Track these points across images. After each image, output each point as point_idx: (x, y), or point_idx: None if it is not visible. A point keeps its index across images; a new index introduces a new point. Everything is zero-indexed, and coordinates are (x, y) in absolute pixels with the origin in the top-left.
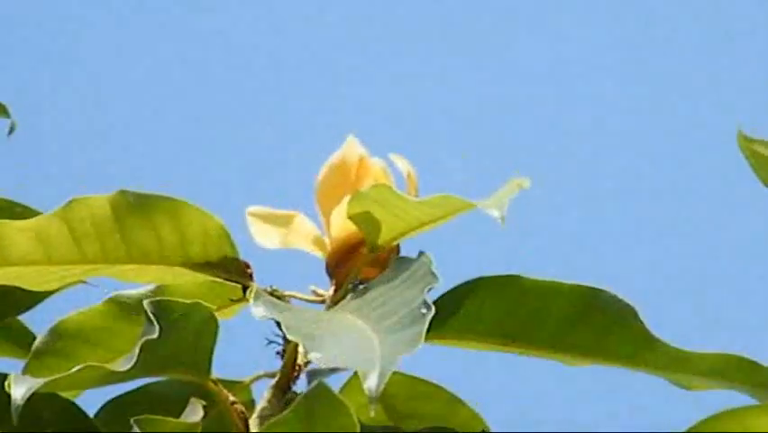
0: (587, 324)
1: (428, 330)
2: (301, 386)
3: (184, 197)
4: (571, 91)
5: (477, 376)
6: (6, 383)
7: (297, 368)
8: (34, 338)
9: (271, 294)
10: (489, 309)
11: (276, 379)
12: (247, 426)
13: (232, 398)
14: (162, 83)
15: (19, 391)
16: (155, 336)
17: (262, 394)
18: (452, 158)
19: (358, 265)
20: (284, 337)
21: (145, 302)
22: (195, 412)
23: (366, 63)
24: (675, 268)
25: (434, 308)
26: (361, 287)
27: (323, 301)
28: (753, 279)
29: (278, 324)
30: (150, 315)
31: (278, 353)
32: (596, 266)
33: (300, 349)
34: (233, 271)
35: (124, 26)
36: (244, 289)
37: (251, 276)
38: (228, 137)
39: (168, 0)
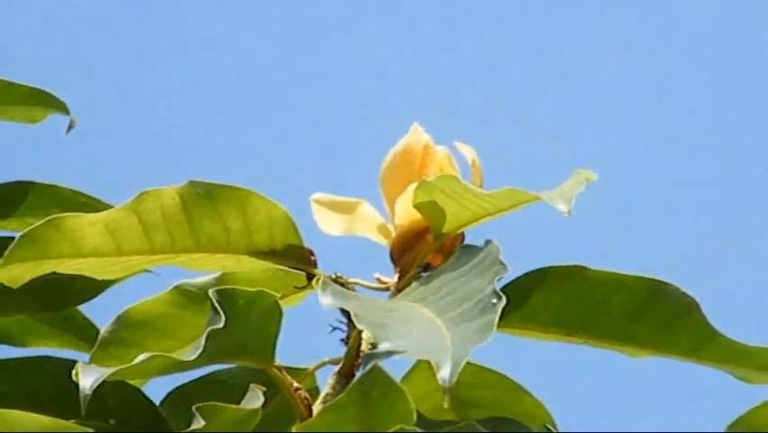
0: (650, 316)
1: None
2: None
3: (250, 186)
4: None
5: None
6: (74, 372)
7: (360, 355)
8: (97, 331)
9: (336, 281)
10: (553, 300)
11: (339, 366)
12: (311, 412)
13: (296, 384)
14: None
15: (87, 380)
16: (221, 325)
17: (326, 381)
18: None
19: (422, 253)
20: (348, 324)
21: (210, 291)
22: (255, 398)
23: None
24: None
25: (504, 298)
26: (425, 274)
27: (387, 289)
28: None
29: (344, 311)
30: (216, 304)
31: (342, 340)
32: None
33: (364, 336)
34: (298, 258)
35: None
36: (309, 276)
37: (315, 264)
38: (294, 125)
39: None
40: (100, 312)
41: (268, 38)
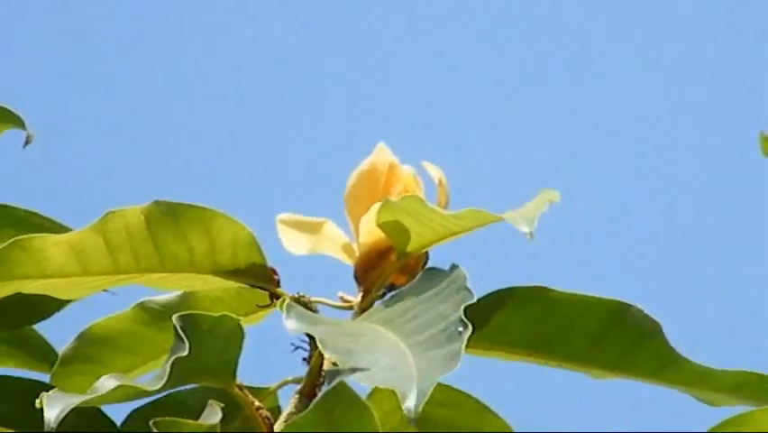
0: (613, 338)
1: None
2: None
3: (215, 206)
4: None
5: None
6: (38, 401)
7: (322, 374)
8: (54, 352)
9: (299, 300)
10: (517, 321)
11: (301, 385)
12: (273, 432)
13: (257, 403)
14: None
15: (53, 412)
16: (185, 353)
17: (289, 401)
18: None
19: (387, 272)
20: (310, 344)
21: (174, 318)
22: (213, 414)
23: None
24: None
25: (470, 326)
26: (390, 295)
27: (350, 307)
28: None
29: (309, 334)
30: (180, 330)
31: (304, 359)
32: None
33: (326, 355)
34: (261, 277)
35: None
36: (272, 295)
37: (278, 282)
38: (258, 145)
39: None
40: (59, 330)
41: (230, 58)
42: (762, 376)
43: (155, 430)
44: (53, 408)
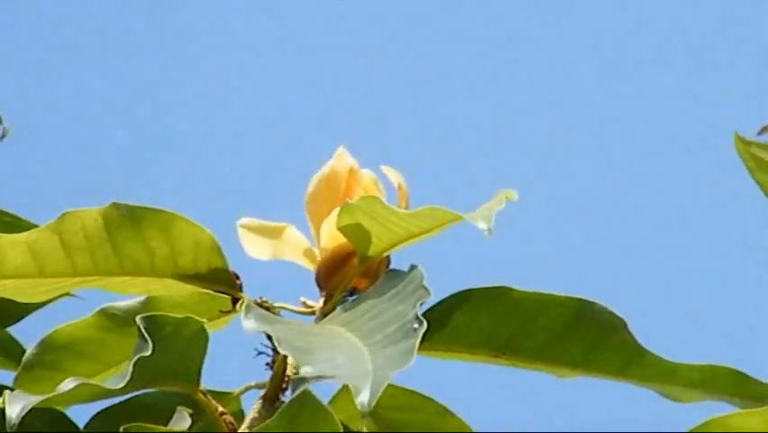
0: (576, 336)
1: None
2: (290, 397)
3: (175, 209)
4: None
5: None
6: (0, 400)
7: (286, 379)
8: (23, 350)
9: (261, 306)
10: (479, 321)
11: (265, 390)
12: None
13: (220, 409)
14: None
15: (14, 409)
16: (148, 353)
17: (252, 406)
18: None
19: (348, 276)
20: (273, 349)
21: (138, 318)
22: (182, 420)
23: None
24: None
25: (425, 323)
26: (351, 299)
27: (313, 313)
28: (749, 283)
29: (269, 336)
30: (143, 331)
31: (267, 364)
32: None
33: (290, 361)
34: (223, 282)
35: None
36: (234, 300)
37: (240, 288)
38: (219, 149)
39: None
40: (26, 336)
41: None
42: (729, 370)
43: None
44: (15, 405)
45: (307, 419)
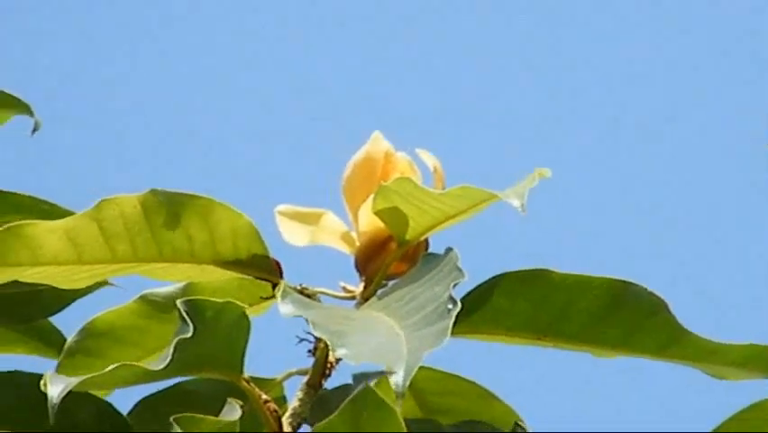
0: (616, 317)
1: (459, 325)
2: (332, 383)
3: (213, 196)
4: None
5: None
6: (42, 382)
7: (328, 365)
8: (64, 339)
9: (300, 292)
10: (519, 304)
11: (308, 377)
12: (280, 424)
13: (264, 396)
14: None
15: (55, 389)
16: (189, 335)
17: (294, 392)
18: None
19: (387, 261)
20: (315, 336)
21: (178, 301)
22: (233, 411)
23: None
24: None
25: (459, 304)
26: (390, 283)
27: (353, 297)
28: None
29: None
30: (184, 314)
31: (309, 351)
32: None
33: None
34: (263, 268)
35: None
36: (274, 286)
37: (280, 274)
38: (258, 136)
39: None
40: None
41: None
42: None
43: (175, 426)
44: (57, 386)
45: (370, 415)
